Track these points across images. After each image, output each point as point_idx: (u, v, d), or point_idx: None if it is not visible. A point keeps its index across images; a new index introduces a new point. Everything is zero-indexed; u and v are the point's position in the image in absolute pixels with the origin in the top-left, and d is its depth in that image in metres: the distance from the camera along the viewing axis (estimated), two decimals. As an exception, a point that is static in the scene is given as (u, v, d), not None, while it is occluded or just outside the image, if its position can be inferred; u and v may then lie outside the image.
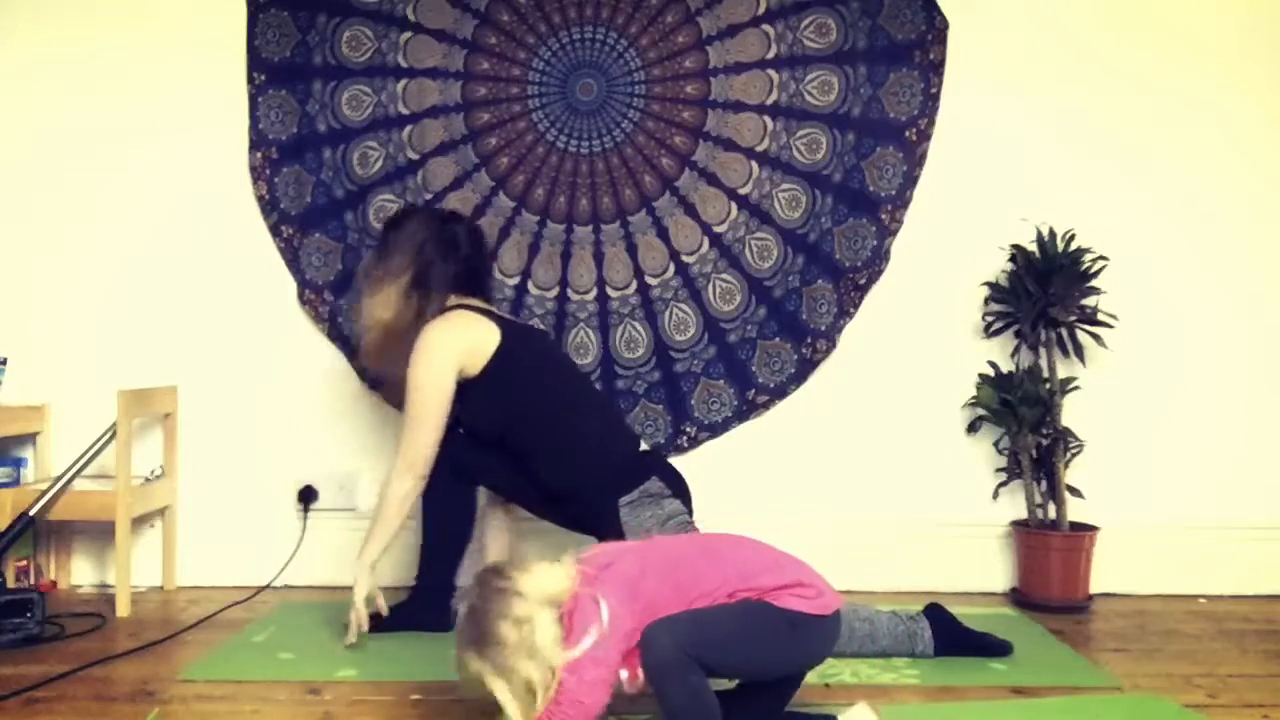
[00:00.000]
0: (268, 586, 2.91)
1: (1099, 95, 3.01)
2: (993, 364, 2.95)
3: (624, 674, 1.70)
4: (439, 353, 2.38)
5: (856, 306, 2.99)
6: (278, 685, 2.15)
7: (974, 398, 2.95)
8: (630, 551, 1.82)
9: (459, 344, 2.40)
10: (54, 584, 2.91)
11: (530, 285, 2.96)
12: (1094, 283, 2.86)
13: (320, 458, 2.99)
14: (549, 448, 2.41)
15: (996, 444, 2.99)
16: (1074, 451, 2.90)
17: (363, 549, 2.39)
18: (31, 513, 2.59)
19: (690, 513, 2.42)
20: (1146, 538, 2.98)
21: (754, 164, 2.96)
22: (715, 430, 3.00)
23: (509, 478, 2.49)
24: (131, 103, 2.96)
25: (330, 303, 2.97)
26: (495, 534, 2.65)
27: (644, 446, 2.51)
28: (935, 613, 2.39)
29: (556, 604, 1.69)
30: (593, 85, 2.96)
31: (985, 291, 2.96)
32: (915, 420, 3.01)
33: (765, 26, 2.96)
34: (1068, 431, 2.87)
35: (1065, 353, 2.89)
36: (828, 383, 3.00)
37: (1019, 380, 2.87)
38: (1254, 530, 3.00)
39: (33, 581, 2.83)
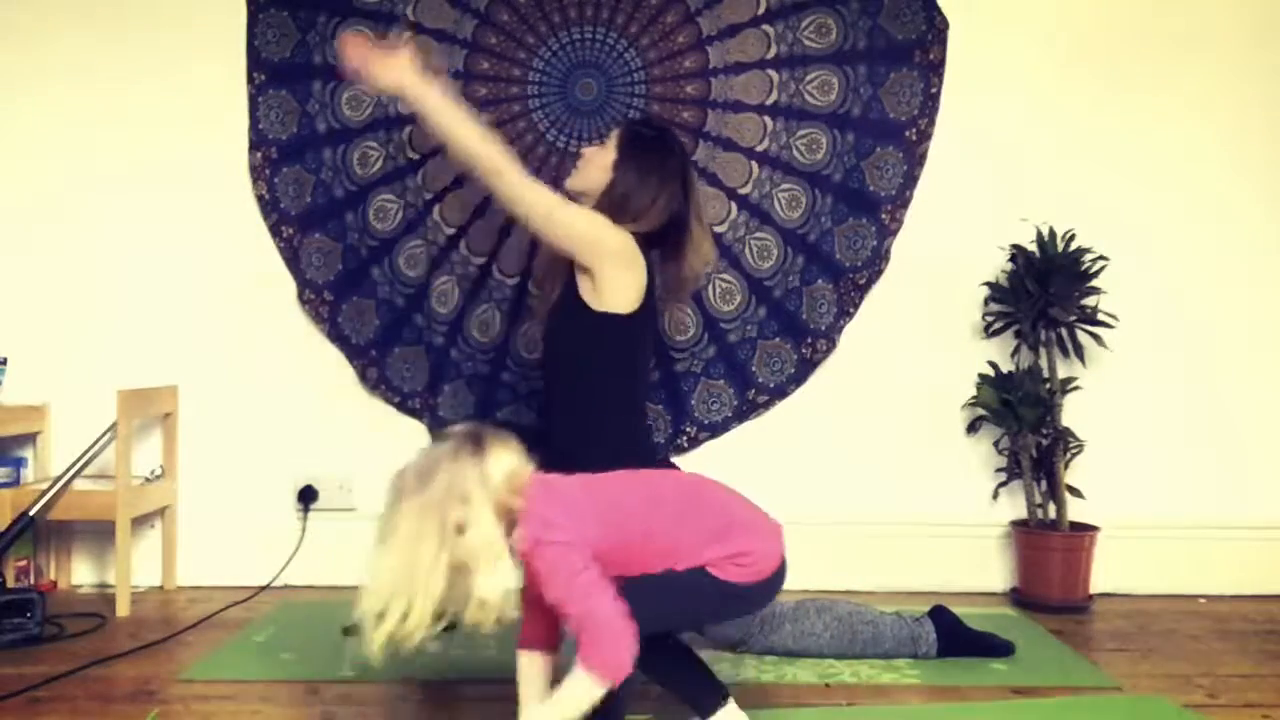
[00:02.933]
0: (268, 586, 2.91)
1: (1099, 95, 3.01)
2: (993, 364, 2.95)
3: None
4: (633, 254, 2.31)
5: (856, 306, 2.99)
6: (278, 685, 2.15)
7: (974, 398, 2.95)
8: (606, 481, 1.76)
9: (641, 272, 2.32)
10: (54, 584, 2.91)
11: (530, 285, 2.96)
12: (1094, 283, 2.86)
13: (320, 458, 2.99)
14: (607, 403, 2.33)
15: (996, 444, 2.99)
16: (1074, 451, 2.90)
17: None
18: (31, 513, 2.59)
19: None
20: (1146, 538, 2.98)
21: (754, 164, 2.96)
22: (715, 430, 3.00)
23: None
24: (132, 103, 2.96)
25: (330, 302, 2.96)
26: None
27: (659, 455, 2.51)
28: (940, 615, 2.39)
29: (505, 508, 1.62)
30: (593, 85, 2.96)
31: (985, 291, 2.96)
32: (915, 420, 3.01)
33: (765, 26, 2.95)
34: (1068, 431, 2.87)
35: (1065, 353, 2.89)
36: (828, 383, 3.00)
37: (1019, 380, 2.87)
38: (1254, 530, 3.00)
39: (33, 581, 2.83)
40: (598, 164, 2.41)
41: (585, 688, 1.57)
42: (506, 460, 1.65)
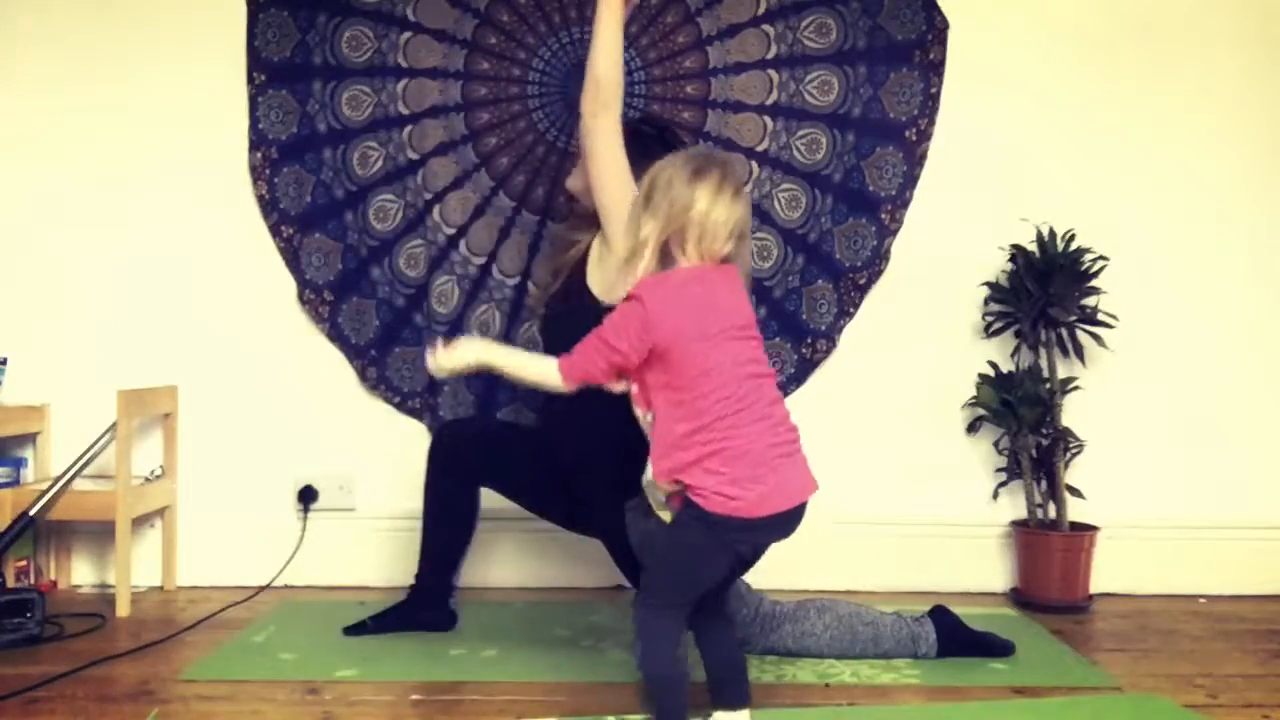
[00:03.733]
0: (268, 586, 2.91)
1: (1099, 95, 3.01)
2: (993, 364, 2.95)
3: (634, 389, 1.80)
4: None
5: (856, 306, 2.99)
6: (278, 685, 2.15)
7: (974, 398, 2.95)
8: (736, 331, 1.82)
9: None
10: (54, 584, 2.91)
11: (530, 284, 2.96)
12: (1094, 283, 2.86)
13: (320, 458, 2.99)
14: (604, 397, 2.13)
15: (996, 444, 2.99)
16: (1074, 451, 2.90)
17: None
18: (31, 513, 2.59)
19: None
20: (1146, 538, 2.98)
21: (754, 164, 2.96)
22: (715, 430, 2.99)
23: (513, 476, 2.47)
24: (132, 102, 2.96)
25: (330, 302, 2.96)
26: None
27: None
28: (940, 615, 2.39)
29: (666, 243, 1.76)
30: (593, 85, 2.95)
31: (985, 291, 2.96)
32: (915, 420, 3.01)
33: (765, 26, 2.95)
34: (1068, 431, 2.87)
35: (1065, 353, 2.89)
36: (828, 383, 3.00)
37: (1019, 380, 2.87)
38: (1254, 530, 3.00)
39: (33, 581, 2.83)
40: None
41: (546, 370, 1.81)
42: (711, 212, 1.74)
